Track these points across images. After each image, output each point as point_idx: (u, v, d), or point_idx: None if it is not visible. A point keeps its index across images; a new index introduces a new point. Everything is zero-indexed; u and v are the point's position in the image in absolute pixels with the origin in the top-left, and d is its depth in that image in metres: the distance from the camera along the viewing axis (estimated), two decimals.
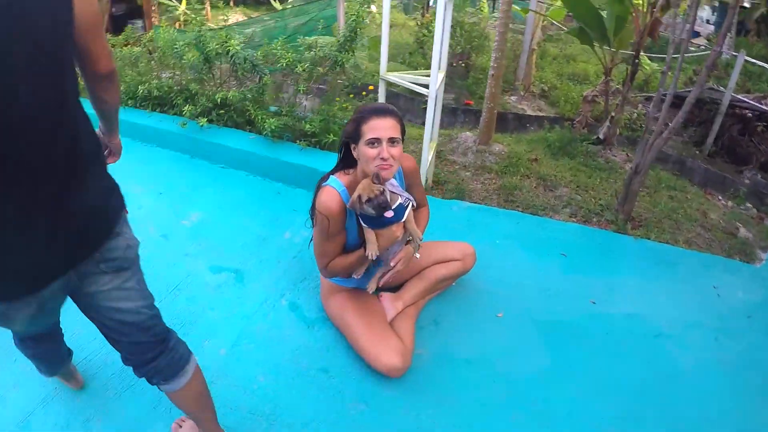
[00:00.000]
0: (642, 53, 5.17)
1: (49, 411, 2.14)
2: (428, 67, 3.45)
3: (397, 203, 2.02)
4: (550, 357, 2.41)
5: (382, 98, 3.79)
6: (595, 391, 2.29)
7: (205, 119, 4.02)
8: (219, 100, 3.94)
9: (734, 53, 7.43)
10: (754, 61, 6.95)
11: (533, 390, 2.28)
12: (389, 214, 1.97)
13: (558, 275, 2.87)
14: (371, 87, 6.93)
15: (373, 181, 1.94)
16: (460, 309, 2.62)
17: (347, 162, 2.15)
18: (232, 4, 14.92)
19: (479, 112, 5.40)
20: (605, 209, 3.73)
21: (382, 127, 1.92)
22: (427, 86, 3.35)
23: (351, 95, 5.41)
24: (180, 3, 10.63)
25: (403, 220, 2.06)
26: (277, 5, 12.13)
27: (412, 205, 2.13)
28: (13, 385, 2.27)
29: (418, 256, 2.31)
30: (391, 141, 1.94)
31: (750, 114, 6.37)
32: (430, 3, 10.53)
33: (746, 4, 12.29)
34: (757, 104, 6.37)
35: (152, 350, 1.51)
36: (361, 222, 2.06)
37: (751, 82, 8.73)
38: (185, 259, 3.11)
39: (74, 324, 2.20)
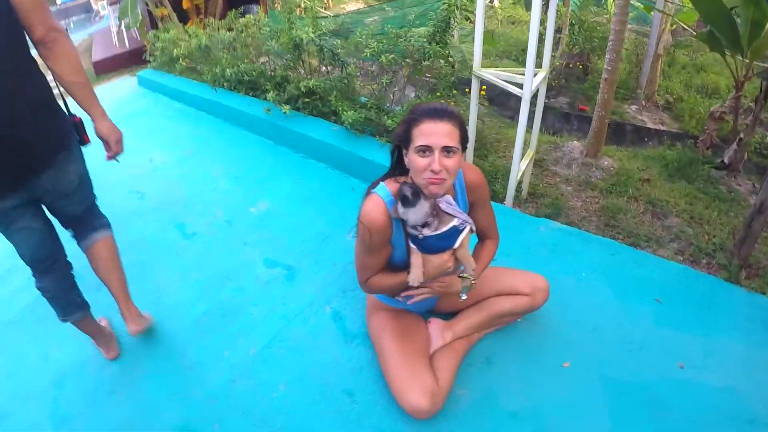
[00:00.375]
0: None
1: (81, 376, 2.33)
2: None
3: (450, 226, 1.69)
4: (613, 425, 1.93)
5: (474, 96, 3.42)
6: None
7: (289, 106, 3.94)
8: (304, 89, 3.82)
9: None
10: None
11: None
12: (425, 231, 1.66)
13: (646, 326, 2.32)
14: (484, 88, 6.52)
15: (398, 198, 1.66)
16: (519, 350, 2.20)
17: (400, 168, 1.85)
18: None
19: None
20: (718, 250, 3.02)
21: (435, 132, 1.58)
22: (522, 86, 2.93)
23: (454, 90, 5.07)
24: None
25: (455, 246, 1.72)
26: None
27: (471, 229, 1.78)
28: (57, 345, 2.51)
29: (464, 296, 1.95)
30: (446, 150, 1.59)
31: None
32: None
33: None
34: None
35: (79, 226, 2.15)
36: (410, 242, 1.76)
37: None
38: (243, 249, 3.04)
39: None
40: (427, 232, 1.67)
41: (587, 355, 2.17)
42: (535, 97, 3.36)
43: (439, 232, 1.68)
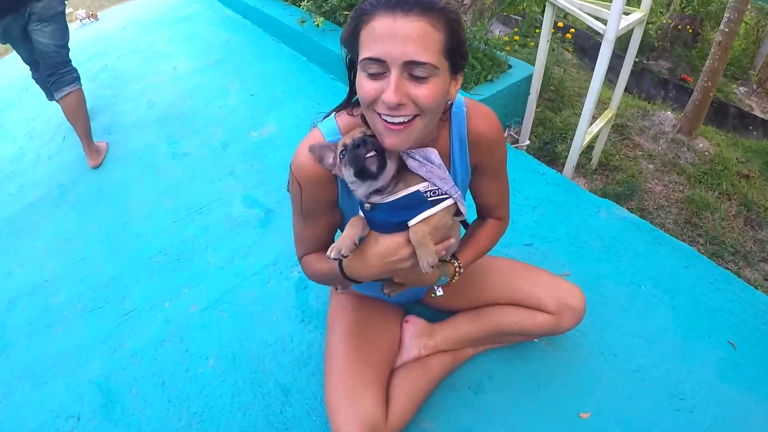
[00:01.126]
0: None
1: (31, 302, 2.21)
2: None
3: (410, 191, 1.04)
4: None
5: (546, 28, 2.58)
6: None
7: (323, 18, 3.26)
8: None
9: None
10: None
11: None
12: (374, 198, 1.04)
13: (708, 378, 1.55)
14: (571, 31, 5.50)
15: (347, 159, 1.01)
16: (524, 381, 1.56)
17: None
18: None
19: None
20: None
21: (392, 34, 0.88)
22: (605, 22, 2.09)
23: (537, 30, 4.17)
24: None
25: (410, 223, 1.05)
26: None
27: (457, 211, 1.11)
28: (22, 263, 2.43)
29: (439, 292, 1.32)
30: (410, 67, 0.90)
31: None
32: None
33: None
34: None
35: (51, 70, 2.73)
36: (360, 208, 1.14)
37: None
38: (226, 179, 2.57)
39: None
40: (376, 199, 1.03)
41: (616, 407, 1.49)
42: (625, 44, 2.50)
43: (392, 198, 1.03)
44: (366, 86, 0.93)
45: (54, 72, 2.71)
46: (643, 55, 6.47)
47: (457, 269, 1.26)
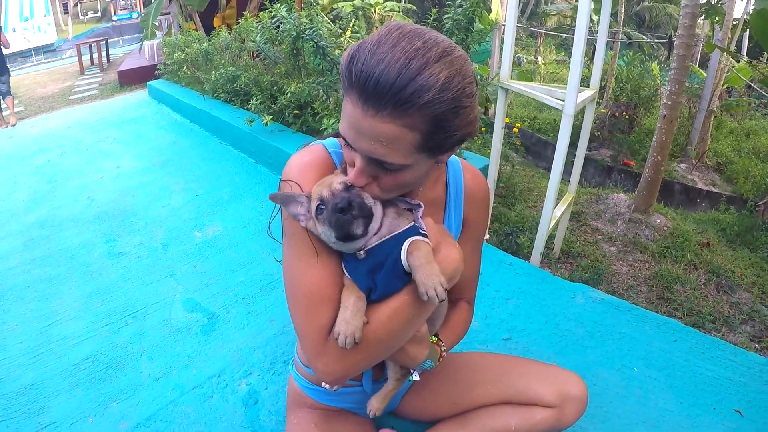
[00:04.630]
0: None
1: None
2: None
3: (409, 225, 0.90)
4: None
5: (500, 116, 2.64)
6: None
7: (271, 117, 3.25)
8: (290, 96, 3.14)
9: None
10: None
11: None
12: (359, 250, 0.89)
13: None
14: (517, 126, 5.85)
15: (327, 193, 0.87)
16: None
17: None
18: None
19: (639, 177, 4.16)
20: None
21: (359, 129, 0.80)
22: (563, 100, 2.17)
23: (483, 129, 4.38)
24: None
25: (413, 239, 0.89)
26: None
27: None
28: (42, 408, 1.83)
29: (416, 377, 1.13)
30: (374, 164, 0.84)
31: None
32: None
33: None
34: None
35: None
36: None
37: None
38: (166, 281, 2.32)
39: None
40: (373, 240, 0.89)
41: None
42: (577, 129, 2.60)
43: (390, 235, 0.89)
44: (344, 147, 0.87)
45: None
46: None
47: (442, 352, 1.09)
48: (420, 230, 0.89)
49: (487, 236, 2.93)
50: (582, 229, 3.51)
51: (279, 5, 3.33)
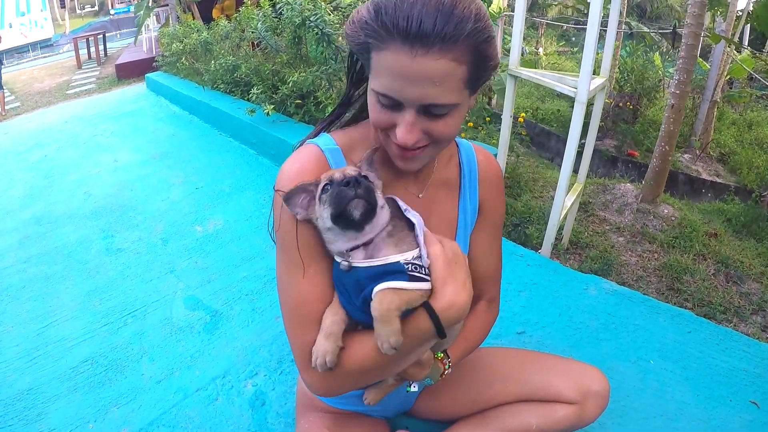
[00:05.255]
0: None
1: None
2: None
3: (393, 260, 0.80)
4: None
5: (508, 104, 2.56)
6: None
7: (272, 107, 3.16)
8: (292, 85, 3.04)
9: None
10: None
11: None
12: (356, 255, 0.81)
13: None
14: (522, 116, 5.77)
15: (339, 175, 0.81)
16: None
17: (356, 107, 1.02)
18: None
19: (643, 167, 4.06)
20: None
21: (412, 76, 0.75)
22: (575, 88, 2.08)
23: (488, 119, 4.29)
24: None
25: (381, 287, 0.78)
26: None
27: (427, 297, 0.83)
28: (40, 415, 1.80)
29: (414, 388, 1.06)
30: (428, 110, 0.78)
31: None
32: None
33: None
34: None
35: None
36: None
37: None
38: (166, 278, 2.24)
39: None
40: (359, 257, 0.81)
41: None
42: (587, 117, 2.52)
43: (377, 263, 0.80)
44: (378, 113, 0.82)
45: None
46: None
47: (446, 370, 1.01)
48: (409, 271, 0.79)
49: None
50: (590, 219, 3.45)
51: None
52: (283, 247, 0.90)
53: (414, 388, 1.04)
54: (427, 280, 0.81)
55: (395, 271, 0.79)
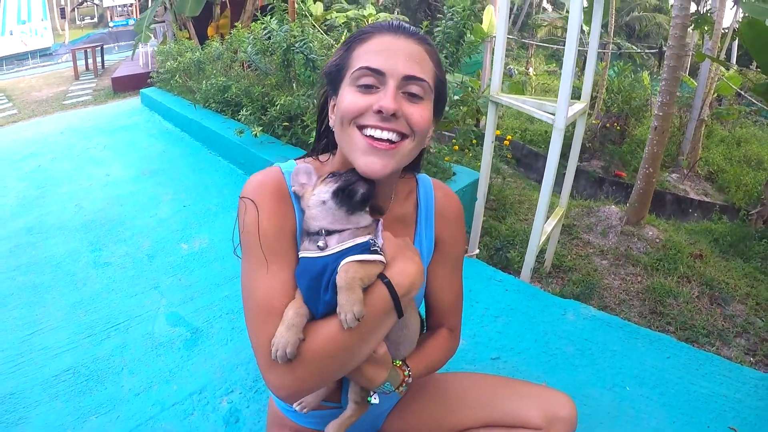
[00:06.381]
0: None
1: None
2: None
3: (364, 239, 0.89)
4: None
5: (490, 128, 2.68)
6: None
7: (261, 128, 3.25)
8: (280, 108, 3.14)
9: None
10: None
11: None
12: (331, 241, 0.89)
13: None
14: (508, 138, 5.87)
15: (336, 181, 0.91)
16: None
17: (328, 142, 1.07)
18: None
19: (630, 188, 4.17)
20: None
21: (394, 49, 0.88)
22: (553, 114, 2.18)
23: (474, 141, 4.38)
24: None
25: (348, 260, 0.86)
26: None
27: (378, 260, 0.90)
28: (19, 419, 1.86)
29: (375, 400, 1.08)
30: (408, 83, 0.88)
31: None
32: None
33: None
34: None
35: None
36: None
37: None
38: (150, 294, 2.30)
39: None
40: (333, 242, 0.89)
41: None
42: (568, 141, 2.61)
43: (346, 246, 0.88)
44: (353, 100, 0.88)
45: None
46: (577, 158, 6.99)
47: (405, 378, 1.04)
48: (371, 247, 0.88)
49: (476, 251, 2.92)
50: (573, 242, 3.51)
51: (270, 17, 3.34)
52: (247, 248, 0.93)
53: (375, 400, 1.06)
54: (381, 256, 0.90)
55: (361, 249, 0.87)
